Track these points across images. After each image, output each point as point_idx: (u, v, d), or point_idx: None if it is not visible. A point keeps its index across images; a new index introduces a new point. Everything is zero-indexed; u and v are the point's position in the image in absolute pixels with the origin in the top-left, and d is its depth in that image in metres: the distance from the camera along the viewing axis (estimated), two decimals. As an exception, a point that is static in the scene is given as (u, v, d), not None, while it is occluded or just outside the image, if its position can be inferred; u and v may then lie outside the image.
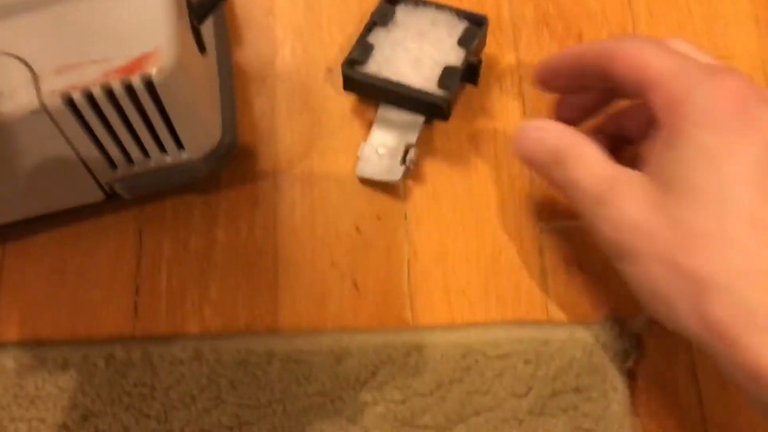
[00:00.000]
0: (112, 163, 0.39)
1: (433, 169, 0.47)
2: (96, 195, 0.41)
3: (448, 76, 0.43)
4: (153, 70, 0.34)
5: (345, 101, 0.49)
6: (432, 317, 0.44)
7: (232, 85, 0.45)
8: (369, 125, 0.47)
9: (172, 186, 0.44)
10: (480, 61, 0.45)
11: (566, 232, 0.46)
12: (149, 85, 0.34)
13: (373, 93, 0.45)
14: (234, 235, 0.46)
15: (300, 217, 0.46)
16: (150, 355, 0.42)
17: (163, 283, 0.45)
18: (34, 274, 0.45)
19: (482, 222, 0.46)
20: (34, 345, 0.43)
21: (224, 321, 0.44)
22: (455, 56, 0.44)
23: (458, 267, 0.45)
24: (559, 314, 0.44)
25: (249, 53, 0.50)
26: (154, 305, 0.44)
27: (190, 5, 0.38)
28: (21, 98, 0.33)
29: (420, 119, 0.46)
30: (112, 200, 0.43)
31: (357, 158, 0.47)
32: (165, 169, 0.41)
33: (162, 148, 0.39)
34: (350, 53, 0.44)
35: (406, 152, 0.46)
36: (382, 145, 0.46)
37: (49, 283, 0.45)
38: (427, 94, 0.43)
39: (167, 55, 0.34)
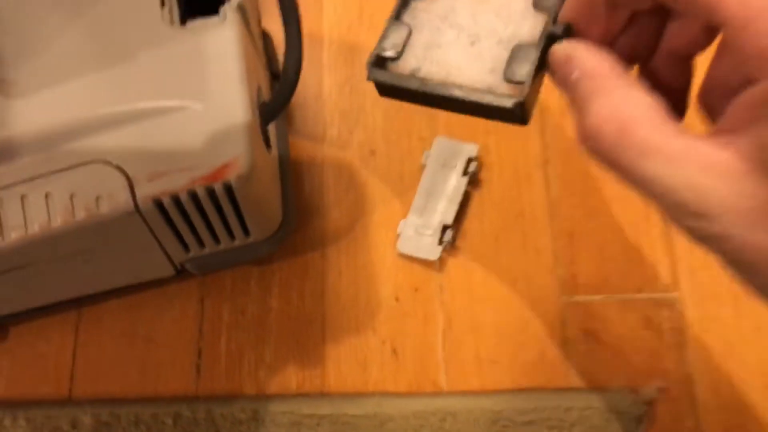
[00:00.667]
0: (186, 248, 0.44)
1: (466, 244, 0.52)
2: (168, 271, 0.46)
3: (521, 59, 0.28)
4: (233, 179, 0.39)
5: (387, 180, 0.54)
6: (464, 383, 0.49)
7: (291, 171, 0.50)
8: (409, 203, 0.52)
9: (236, 264, 0.49)
10: (569, 30, 0.28)
11: (586, 305, 0.51)
12: (229, 189, 0.39)
13: (417, 98, 0.31)
14: (286, 303, 0.51)
15: (345, 287, 0.51)
16: (213, 415, 0.47)
17: (222, 347, 0.50)
18: (107, 338, 0.50)
19: (510, 295, 0.51)
20: (108, 403, 0.48)
21: (278, 383, 0.49)
22: (530, 26, 0.29)
23: (489, 337, 0.50)
24: (578, 382, 0.49)
25: (300, 135, 0.55)
26: (215, 367, 0.49)
27: (260, 109, 0.43)
28: (118, 201, 0.38)
29: (458, 198, 0.51)
30: (180, 274, 0.48)
31: (397, 233, 0.52)
32: (230, 251, 0.45)
33: (231, 234, 0.44)
34: (379, 44, 0.31)
35: (443, 232, 0.51)
36: (421, 225, 0.51)
37: (119, 345, 0.50)
38: (490, 95, 0.28)
39: (244, 164, 0.39)
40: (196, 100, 0.39)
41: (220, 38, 0.41)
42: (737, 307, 0.50)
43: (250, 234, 0.45)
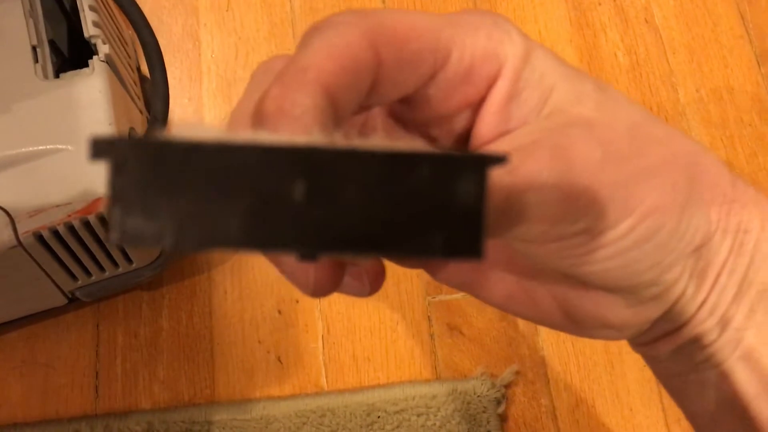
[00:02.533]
0: (74, 277, 0.48)
1: (340, 257, 0.58)
2: (60, 300, 0.50)
3: None
4: (105, 211, 0.43)
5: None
6: (343, 382, 0.54)
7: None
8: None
9: (124, 290, 0.53)
10: None
11: (448, 303, 0.57)
12: (103, 220, 0.44)
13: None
14: (176, 323, 0.55)
15: (231, 304, 0.56)
16: (110, 429, 0.51)
17: (118, 368, 0.54)
18: (7, 367, 0.54)
19: (382, 299, 0.57)
20: (11, 427, 0.51)
21: (171, 396, 0.53)
22: None
23: (363, 338, 0.55)
24: (445, 372, 0.55)
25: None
26: (112, 386, 0.53)
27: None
28: (2, 238, 0.43)
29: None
30: (73, 302, 0.52)
31: (277, 252, 0.57)
32: (117, 277, 0.50)
33: (114, 263, 0.49)
34: None
35: (316, 247, 0.56)
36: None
37: (21, 373, 0.53)
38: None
39: (116, 197, 0.44)
40: (69, 143, 0.44)
41: (90, 87, 0.45)
42: (581, 295, 0.57)
43: (132, 261, 0.49)
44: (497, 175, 0.18)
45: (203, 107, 0.62)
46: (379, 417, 0.52)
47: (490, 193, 0.16)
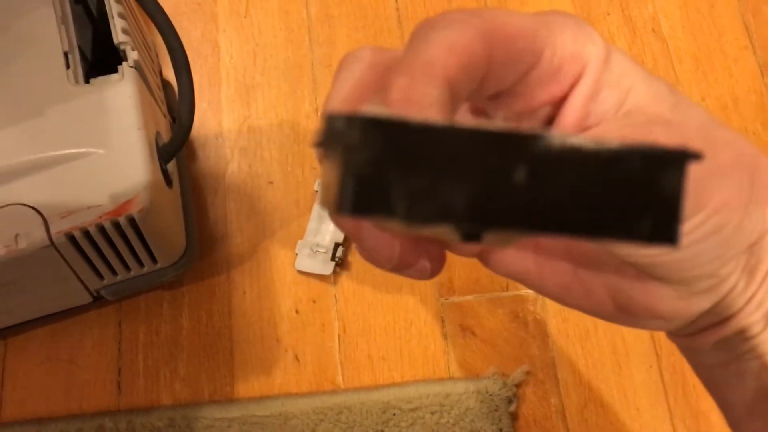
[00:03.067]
0: (100, 276, 0.50)
1: (356, 259, 0.59)
2: (86, 298, 0.52)
3: None
4: (135, 212, 0.45)
5: (285, 207, 0.60)
6: (359, 380, 0.56)
7: (192, 203, 0.56)
8: (305, 226, 0.59)
9: (148, 289, 0.55)
10: None
11: (461, 304, 0.58)
12: (132, 222, 0.46)
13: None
14: (196, 322, 0.57)
15: (249, 304, 0.58)
16: (133, 425, 0.52)
17: (140, 364, 0.55)
18: (33, 364, 0.55)
19: (396, 300, 0.58)
20: (35, 422, 0.53)
21: (191, 393, 0.55)
22: None
23: (379, 337, 0.57)
24: (457, 372, 0.56)
25: (202, 169, 0.61)
26: (134, 383, 0.55)
27: (159, 151, 0.49)
28: (35, 237, 0.44)
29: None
30: (97, 300, 0.54)
31: (295, 253, 0.58)
32: (141, 277, 0.51)
33: (140, 262, 0.50)
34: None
35: (335, 250, 0.58)
36: (316, 244, 0.58)
37: (45, 370, 0.55)
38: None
39: (144, 199, 0.45)
40: (100, 147, 0.45)
41: (120, 93, 0.47)
42: (590, 298, 0.58)
43: (157, 261, 0.51)
44: None
45: (222, 112, 0.64)
46: (394, 414, 0.53)
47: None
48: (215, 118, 0.63)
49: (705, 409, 0.55)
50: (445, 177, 0.16)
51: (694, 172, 0.21)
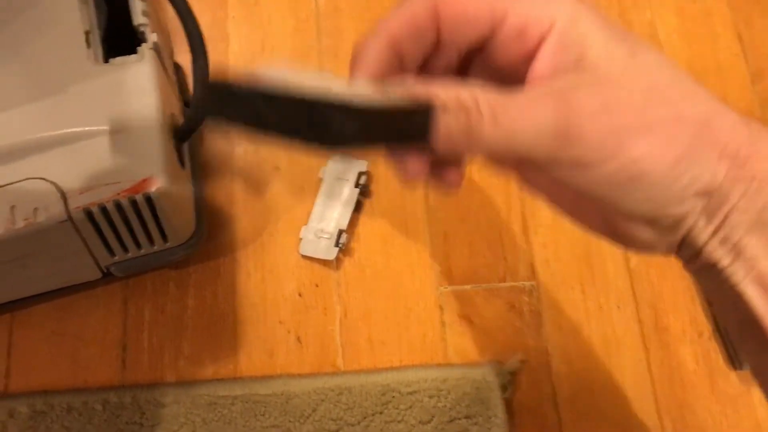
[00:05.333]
0: (111, 252, 0.51)
1: (359, 245, 0.61)
2: (95, 274, 0.53)
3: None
4: (152, 191, 0.46)
5: (290, 193, 0.62)
6: (358, 363, 0.57)
7: (202, 185, 0.57)
8: (309, 212, 0.60)
9: (156, 267, 0.56)
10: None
11: (459, 293, 0.60)
12: (149, 200, 0.47)
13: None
14: (201, 302, 0.58)
15: (254, 286, 0.59)
16: (138, 400, 0.53)
17: (145, 342, 0.56)
18: (39, 337, 0.56)
19: (396, 286, 0.60)
20: (42, 394, 0.54)
21: (195, 371, 0.56)
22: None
23: (379, 322, 0.58)
24: (455, 358, 0.58)
25: (211, 153, 0.63)
26: (139, 359, 0.56)
27: (174, 132, 0.50)
28: (53, 212, 0.45)
29: (351, 206, 0.59)
30: (105, 277, 0.55)
31: (299, 238, 0.60)
32: (151, 255, 0.52)
33: (151, 240, 0.51)
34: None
35: (339, 236, 0.59)
36: (320, 230, 0.59)
37: (51, 343, 0.56)
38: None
39: (161, 179, 0.46)
40: (119, 126, 0.47)
41: (139, 73, 0.48)
42: (583, 292, 0.61)
43: (168, 240, 0.52)
44: (508, 116, 0.28)
45: (230, 97, 0.65)
46: (393, 397, 0.55)
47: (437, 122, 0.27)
48: (223, 103, 0.64)
49: (690, 402, 0.58)
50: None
51: (611, 125, 0.27)
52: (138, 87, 0.48)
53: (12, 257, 0.47)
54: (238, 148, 0.63)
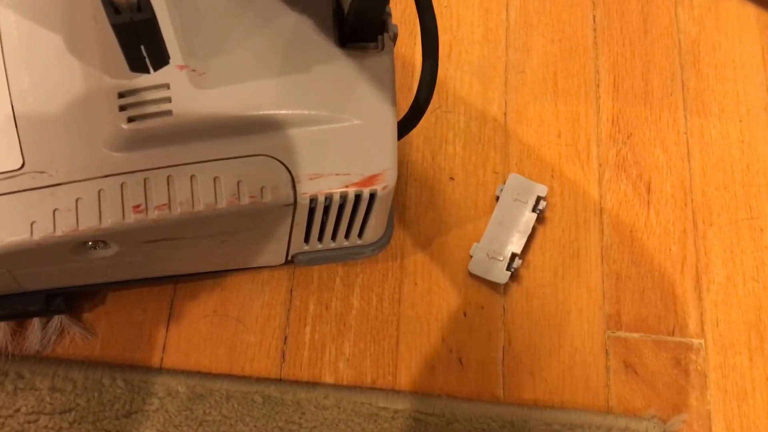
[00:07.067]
0: (307, 241, 0.48)
1: (528, 273, 0.58)
2: (279, 260, 0.50)
3: None
4: (379, 188, 0.44)
5: (463, 206, 0.59)
6: (519, 396, 0.55)
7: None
8: (481, 229, 0.58)
9: (339, 262, 0.53)
10: None
11: (627, 341, 0.57)
12: (373, 196, 0.44)
13: None
14: (366, 303, 0.55)
15: (419, 296, 0.56)
16: (298, 398, 0.51)
17: (307, 336, 0.54)
18: (199, 314, 0.53)
19: (563, 323, 0.57)
20: (199, 376, 0.51)
21: (354, 375, 0.53)
22: None
23: (542, 358, 0.56)
24: (616, 406, 0.55)
25: (388, 152, 0.60)
26: (298, 354, 0.53)
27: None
28: (281, 193, 0.43)
29: (527, 231, 0.57)
30: (286, 264, 0.52)
31: (469, 255, 0.57)
32: (340, 249, 0.50)
33: (347, 235, 0.49)
34: None
35: (512, 260, 0.57)
36: (493, 251, 0.57)
37: (211, 323, 0.53)
38: None
39: (390, 176, 0.44)
40: (355, 115, 0.44)
41: (379, 63, 0.46)
42: (751, 359, 0.58)
43: (362, 237, 0.49)
44: None
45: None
46: (556, 438, 0.53)
47: None
48: (405, 105, 0.62)
49: None
50: None
51: None
52: (376, 78, 0.45)
53: (219, 231, 0.45)
54: (416, 152, 0.61)
